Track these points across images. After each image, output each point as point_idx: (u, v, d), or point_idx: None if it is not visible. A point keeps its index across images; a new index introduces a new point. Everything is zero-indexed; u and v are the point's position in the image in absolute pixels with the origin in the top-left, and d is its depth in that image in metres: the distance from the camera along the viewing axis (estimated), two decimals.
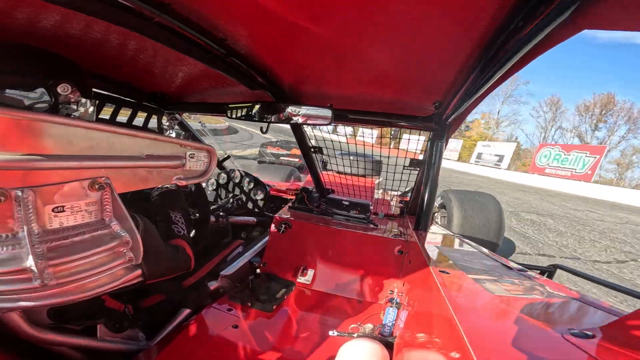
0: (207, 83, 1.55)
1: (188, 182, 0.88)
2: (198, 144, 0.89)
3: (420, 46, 0.88)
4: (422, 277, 1.19)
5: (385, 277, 1.66)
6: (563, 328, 0.62)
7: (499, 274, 1.07)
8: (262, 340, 1.19)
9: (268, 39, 0.96)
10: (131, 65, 1.31)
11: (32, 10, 0.78)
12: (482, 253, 1.48)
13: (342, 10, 0.73)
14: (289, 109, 1.47)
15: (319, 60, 1.09)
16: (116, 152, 0.69)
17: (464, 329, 0.61)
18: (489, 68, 0.86)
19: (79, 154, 0.63)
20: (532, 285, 0.95)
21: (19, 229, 0.55)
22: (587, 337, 0.56)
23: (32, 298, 0.57)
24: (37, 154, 0.56)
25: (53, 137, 0.58)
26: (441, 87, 1.19)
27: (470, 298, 0.83)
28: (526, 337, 0.61)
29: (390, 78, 1.18)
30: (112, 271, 0.69)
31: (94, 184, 0.65)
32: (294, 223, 1.89)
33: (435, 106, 1.42)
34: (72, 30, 0.93)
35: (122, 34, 0.96)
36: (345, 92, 1.48)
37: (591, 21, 0.59)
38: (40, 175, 0.57)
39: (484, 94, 1.03)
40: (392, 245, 1.72)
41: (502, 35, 0.71)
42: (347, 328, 1.29)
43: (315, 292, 1.65)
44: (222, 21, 0.85)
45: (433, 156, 1.66)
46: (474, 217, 3.24)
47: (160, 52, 1.13)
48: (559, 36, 0.68)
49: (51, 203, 0.59)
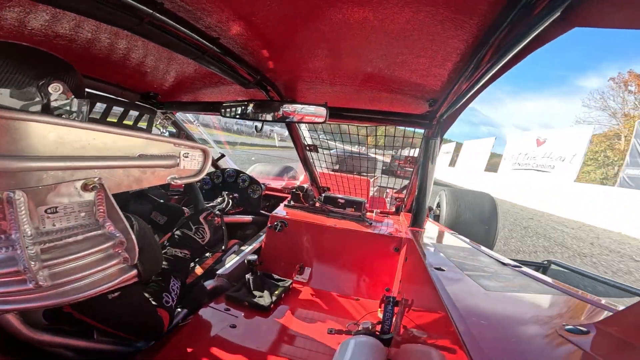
0: (201, 82, 1.54)
1: (182, 182, 0.88)
2: (192, 143, 0.88)
3: (413, 45, 0.88)
4: (418, 274, 1.20)
5: (382, 274, 1.67)
6: (557, 324, 0.62)
7: (494, 270, 1.08)
8: (259, 339, 1.19)
9: (262, 37, 0.96)
10: (124, 64, 1.30)
11: (20, 10, 0.77)
12: (477, 249, 1.50)
13: (336, 9, 0.73)
14: (284, 107, 1.47)
15: (313, 58, 1.08)
16: (109, 152, 0.69)
17: (459, 325, 0.61)
18: (482, 66, 0.87)
19: (71, 154, 0.62)
20: (527, 282, 0.96)
21: (12, 231, 0.54)
22: (582, 333, 0.56)
23: (27, 300, 0.57)
24: (29, 155, 0.56)
25: (45, 138, 0.58)
26: (435, 85, 1.19)
27: (465, 294, 0.84)
28: (521, 333, 0.62)
29: (384, 76, 1.18)
30: (108, 272, 0.68)
31: (87, 184, 0.64)
32: (290, 221, 1.89)
33: (430, 104, 1.43)
34: (63, 30, 0.92)
35: (114, 33, 0.95)
36: (339, 90, 1.48)
37: (582, 18, 0.60)
38: (32, 177, 0.57)
39: (478, 91, 1.04)
40: (388, 243, 1.73)
41: (495, 34, 0.72)
42: (345, 325, 1.30)
43: (312, 290, 1.65)
44: (216, 20, 0.85)
45: (427, 154, 1.66)
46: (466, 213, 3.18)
47: (153, 51, 1.12)
48: (550, 34, 0.69)
49: (44, 204, 0.59)
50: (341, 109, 1.67)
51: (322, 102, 1.43)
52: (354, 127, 1.86)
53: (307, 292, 1.64)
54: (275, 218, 1.91)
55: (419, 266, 1.21)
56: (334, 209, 2.08)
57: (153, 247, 0.96)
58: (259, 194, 2.59)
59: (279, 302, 1.48)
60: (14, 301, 0.57)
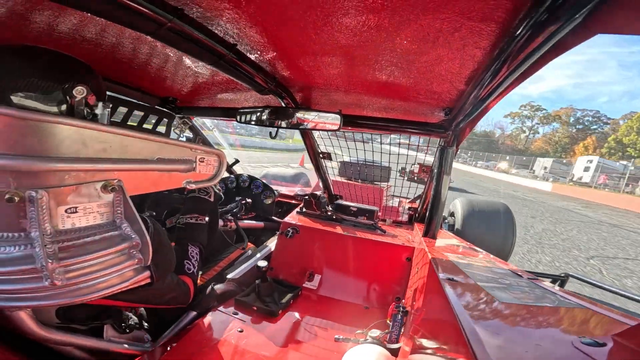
0: (218, 88, 1.57)
1: (197, 186, 0.89)
2: (208, 148, 0.90)
3: (429, 52, 0.87)
4: (429, 285, 1.17)
5: (392, 284, 1.64)
6: (574, 337, 0.60)
7: (509, 282, 1.04)
8: (267, 344, 1.19)
9: (278, 44, 0.97)
10: (144, 69, 1.34)
11: (50, 14, 0.80)
12: (491, 261, 1.45)
13: (350, 16, 0.73)
14: (298, 114, 1.48)
15: (328, 65, 1.09)
16: (129, 155, 0.70)
17: (471, 337, 0.60)
18: (499, 75, 0.85)
19: (93, 156, 0.64)
20: (543, 293, 0.93)
21: (32, 229, 0.56)
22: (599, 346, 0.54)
23: (42, 297, 0.58)
24: (52, 155, 0.58)
25: (68, 140, 0.60)
26: (451, 93, 1.18)
27: (478, 306, 0.81)
28: (536, 346, 0.59)
29: (399, 84, 1.17)
30: (122, 272, 0.69)
31: (106, 186, 0.66)
32: (301, 228, 1.89)
33: (445, 112, 1.41)
34: (88, 34, 0.96)
35: (135, 38, 0.98)
36: (354, 98, 1.48)
37: (605, 25, 0.58)
38: (54, 177, 0.58)
39: (495, 100, 1.02)
40: (399, 252, 1.70)
41: (513, 42, 0.70)
42: (353, 334, 1.28)
43: (322, 298, 1.64)
44: (234, 27, 0.87)
45: (442, 163, 1.64)
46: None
47: (172, 57, 1.15)
48: (571, 41, 0.67)
49: (64, 204, 0.60)
50: (355, 116, 1.67)
51: (336, 110, 1.43)
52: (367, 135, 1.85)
53: (316, 299, 1.63)
54: (286, 225, 1.91)
55: (430, 277, 1.18)
56: (346, 217, 2.07)
57: (166, 249, 0.97)
58: (272, 200, 2.61)
59: (287, 308, 1.47)
60: (28, 298, 0.58)
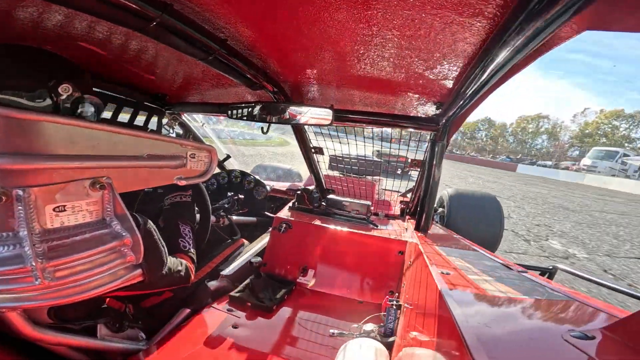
0: (208, 83, 1.55)
1: (188, 182, 0.88)
2: (199, 144, 0.89)
3: (420, 47, 0.88)
4: (422, 278, 1.19)
5: (386, 278, 1.66)
6: (563, 329, 0.61)
7: (499, 275, 1.07)
8: (261, 340, 1.19)
9: (269, 39, 0.96)
10: (133, 65, 1.31)
11: (34, 10, 0.78)
12: (482, 254, 1.48)
13: (342, 11, 0.73)
14: (290, 109, 1.47)
15: (319, 60, 1.09)
16: (117, 152, 0.69)
17: (464, 330, 0.61)
18: (490, 70, 0.86)
19: (81, 153, 0.63)
20: (533, 286, 0.95)
21: (20, 228, 0.55)
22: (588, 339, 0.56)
23: (33, 297, 0.57)
24: (39, 153, 0.57)
25: (55, 137, 0.59)
26: (442, 88, 1.19)
27: (470, 299, 0.83)
28: (526, 338, 0.61)
29: (390, 79, 1.18)
30: (113, 271, 0.69)
31: (95, 183, 0.65)
32: (294, 223, 1.89)
33: (437, 107, 1.42)
34: (74, 31, 0.93)
35: (123, 35, 0.96)
36: (346, 93, 1.48)
37: (593, 21, 0.59)
38: (41, 175, 0.57)
39: (485, 94, 1.03)
40: (392, 246, 1.72)
41: (503, 37, 0.71)
42: (347, 328, 1.29)
43: (316, 292, 1.65)
44: (224, 22, 0.85)
45: (434, 157, 1.65)
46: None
47: (161, 53, 1.13)
48: (559, 37, 0.68)
49: (52, 202, 0.59)
50: (347, 111, 1.66)
51: (328, 105, 1.43)
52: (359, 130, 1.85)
53: (310, 294, 1.64)
54: (279, 220, 1.91)
55: (423, 270, 1.20)
56: (338, 211, 2.08)
57: (158, 247, 0.97)
58: (264, 195, 2.60)
59: (281, 303, 1.48)
60: (19, 299, 0.57)
